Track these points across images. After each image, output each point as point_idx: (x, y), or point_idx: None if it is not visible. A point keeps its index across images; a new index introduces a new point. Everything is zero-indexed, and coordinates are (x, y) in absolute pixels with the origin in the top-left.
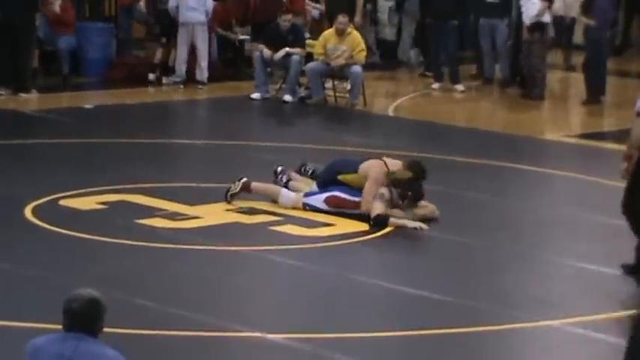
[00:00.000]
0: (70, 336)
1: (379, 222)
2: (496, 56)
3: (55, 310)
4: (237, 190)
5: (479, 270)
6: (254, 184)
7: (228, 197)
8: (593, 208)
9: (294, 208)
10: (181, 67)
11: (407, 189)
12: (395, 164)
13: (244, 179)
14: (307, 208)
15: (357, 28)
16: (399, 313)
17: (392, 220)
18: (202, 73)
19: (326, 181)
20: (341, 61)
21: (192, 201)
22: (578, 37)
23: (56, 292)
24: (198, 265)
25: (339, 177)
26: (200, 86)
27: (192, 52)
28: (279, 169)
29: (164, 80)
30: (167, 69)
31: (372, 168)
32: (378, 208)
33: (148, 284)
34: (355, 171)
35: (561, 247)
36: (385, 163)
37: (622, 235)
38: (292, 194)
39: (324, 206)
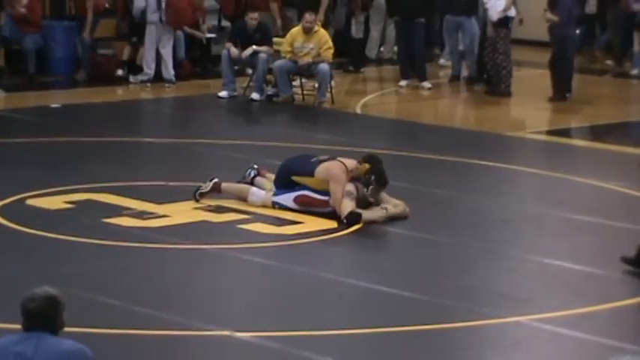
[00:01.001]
0: (30, 335)
1: (352, 219)
2: (463, 54)
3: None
4: (208, 189)
5: (447, 267)
6: (224, 185)
7: (197, 196)
8: (560, 204)
9: (264, 206)
10: (150, 66)
11: (369, 176)
12: (350, 162)
13: (215, 180)
14: (277, 206)
15: (324, 27)
16: (367, 310)
17: (364, 216)
18: (169, 71)
19: (281, 183)
20: (308, 59)
21: (159, 199)
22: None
23: (23, 292)
24: (165, 263)
25: (293, 178)
26: (167, 85)
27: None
28: (254, 168)
29: (131, 79)
30: (134, 67)
31: (331, 170)
32: (348, 206)
33: (115, 283)
34: (312, 175)
35: (528, 243)
36: (342, 162)
37: (588, 231)
38: (262, 192)
39: (293, 205)
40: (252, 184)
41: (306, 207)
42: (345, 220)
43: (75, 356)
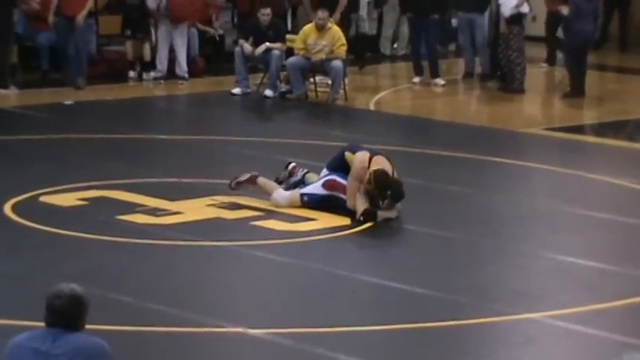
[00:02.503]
0: (50, 332)
1: (368, 216)
2: (476, 50)
3: (36, 307)
4: (245, 179)
5: (460, 263)
6: (260, 179)
7: (232, 184)
8: (573, 201)
9: (292, 205)
10: (163, 62)
11: (382, 192)
12: (380, 164)
13: (255, 173)
14: (305, 198)
15: (339, 25)
16: (380, 307)
17: (379, 213)
18: (181, 68)
19: (334, 164)
20: (321, 55)
21: (173, 196)
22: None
23: (37, 289)
24: (179, 260)
25: (346, 153)
26: (180, 82)
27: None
28: (292, 165)
29: (144, 76)
30: (145, 64)
31: (354, 162)
32: (362, 204)
33: (128, 280)
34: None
35: (541, 240)
36: (370, 159)
37: (601, 227)
38: (286, 194)
39: (322, 191)
40: (303, 181)
41: (331, 191)
42: (361, 218)
43: (93, 351)
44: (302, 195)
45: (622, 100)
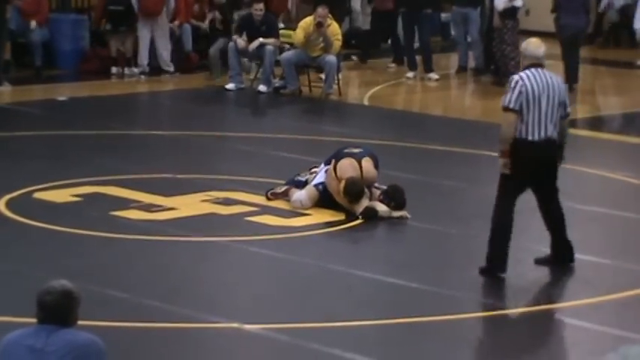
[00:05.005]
0: (42, 329)
1: (368, 215)
2: (469, 45)
3: (30, 303)
4: (280, 191)
5: (455, 258)
6: (292, 190)
7: (269, 194)
8: (567, 195)
9: (314, 201)
10: (143, 58)
11: (358, 199)
12: (344, 170)
13: (288, 186)
14: (320, 187)
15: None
16: (375, 302)
17: (379, 211)
18: (165, 61)
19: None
20: (317, 51)
21: (167, 192)
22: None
23: (31, 285)
24: (173, 256)
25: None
26: (168, 75)
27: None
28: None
29: (127, 71)
30: (127, 59)
31: (327, 176)
32: (361, 204)
33: (123, 276)
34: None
35: (536, 234)
36: (335, 168)
37: (596, 221)
38: (302, 192)
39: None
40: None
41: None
42: (360, 216)
43: (87, 348)
44: (316, 186)
45: (615, 93)
